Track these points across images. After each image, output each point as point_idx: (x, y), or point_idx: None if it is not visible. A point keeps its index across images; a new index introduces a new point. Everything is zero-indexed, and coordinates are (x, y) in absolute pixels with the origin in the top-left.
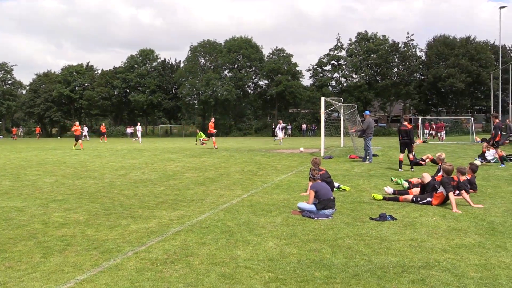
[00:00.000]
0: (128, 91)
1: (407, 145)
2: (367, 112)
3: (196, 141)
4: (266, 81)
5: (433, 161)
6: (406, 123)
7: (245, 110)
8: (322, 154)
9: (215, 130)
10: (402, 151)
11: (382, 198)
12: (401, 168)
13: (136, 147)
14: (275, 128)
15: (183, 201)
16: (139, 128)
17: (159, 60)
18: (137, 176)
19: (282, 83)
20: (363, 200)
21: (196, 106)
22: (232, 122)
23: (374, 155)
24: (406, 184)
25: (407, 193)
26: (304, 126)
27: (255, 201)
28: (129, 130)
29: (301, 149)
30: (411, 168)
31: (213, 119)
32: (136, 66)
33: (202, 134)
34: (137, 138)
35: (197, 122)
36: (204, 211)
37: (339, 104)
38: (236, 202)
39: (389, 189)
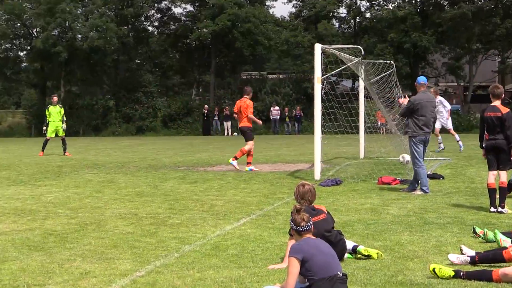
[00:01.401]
0: None
1: (502, 154)
2: (422, 80)
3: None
4: (191, 9)
5: None
6: (497, 102)
7: (141, 75)
8: (317, 176)
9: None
10: (492, 167)
11: (453, 274)
12: (495, 207)
13: None
14: (217, 116)
15: None
16: None
17: None
18: None
19: (227, 13)
20: (412, 280)
21: (25, 64)
22: (110, 101)
23: (435, 176)
24: (507, 241)
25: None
26: (275, 111)
27: None
28: None
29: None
30: None
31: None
32: None
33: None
34: None
35: (30, 98)
36: None
37: (357, 60)
38: None
39: (462, 257)
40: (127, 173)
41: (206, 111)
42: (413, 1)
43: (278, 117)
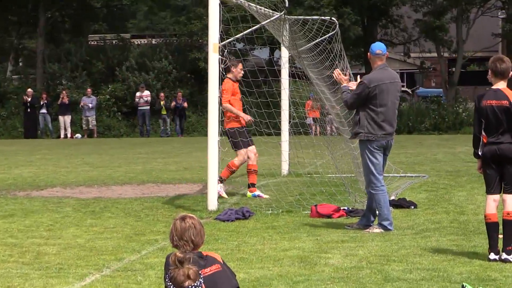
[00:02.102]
0: None
1: (510, 167)
2: (379, 48)
3: None
4: None
5: None
6: (502, 84)
7: None
8: (212, 204)
9: None
10: (492, 188)
11: None
12: (496, 252)
13: None
14: (46, 107)
15: None
16: None
17: None
18: None
19: None
20: None
21: None
22: None
23: (403, 204)
24: None
25: None
26: (144, 100)
27: None
28: None
29: None
30: None
31: None
32: None
33: None
34: None
35: None
36: None
37: (277, 16)
38: None
39: None
40: None
41: (29, 99)
42: None
43: (149, 108)
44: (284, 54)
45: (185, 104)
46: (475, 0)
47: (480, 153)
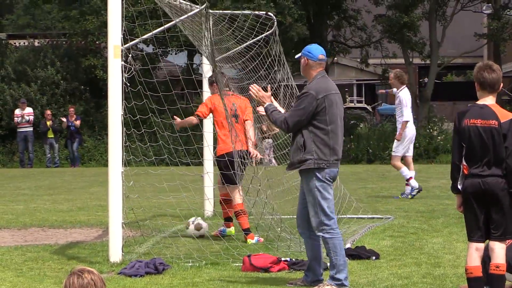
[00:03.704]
0: None
1: (496, 207)
2: (318, 53)
3: None
4: None
5: None
6: (489, 99)
7: None
8: (114, 255)
9: None
10: (474, 233)
11: None
12: None
13: None
14: None
15: None
16: None
17: None
18: None
19: None
20: None
21: None
22: None
23: (361, 254)
24: None
25: None
26: (23, 118)
27: None
28: None
29: None
30: None
31: None
32: None
33: None
34: None
35: None
36: None
37: (197, 9)
38: None
39: None
40: None
41: None
42: None
43: (32, 129)
44: (206, 60)
45: (77, 123)
46: None
47: (460, 187)
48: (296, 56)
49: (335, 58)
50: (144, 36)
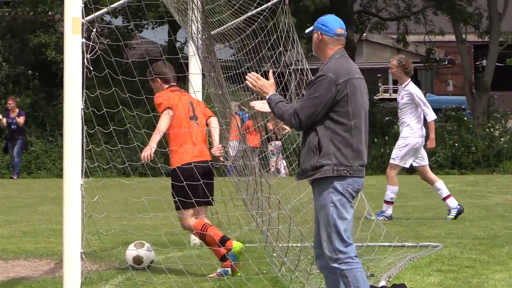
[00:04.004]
0: None
1: None
2: (337, 26)
3: None
4: None
5: None
6: None
7: None
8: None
9: None
10: None
11: None
12: None
13: None
14: None
15: None
16: None
17: None
18: None
19: None
20: None
21: None
22: None
23: None
24: None
25: None
26: None
27: None
28: None
29: None
30: None
31: None
32: None
33: None
34: None
35: None
36: None
37: None
38: None
39: None
40: None
41: None
42: None
43: None
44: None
45: (20, 119)
46: None
47: None
48: (307, 31)
49: (364, 35)
50: (113, 5)
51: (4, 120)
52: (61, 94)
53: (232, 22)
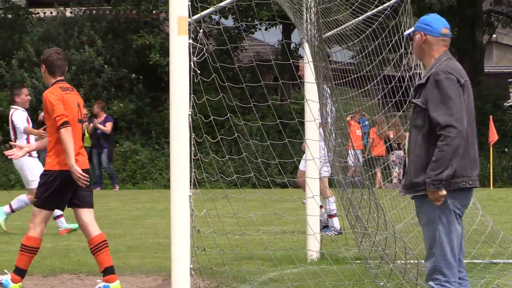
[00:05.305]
0: None
1: None
2: (443, 26)
3: None
4: None
5: None
6: None
7: None
8: None
9: None
10: None
11: None
12: None
13: None
14: None
15: None
16: None
17: None
18: None
19: None
20: None
21: None
22: None
23: None
24: None
25: None
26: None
27: None
28: None
29: None
30: None
31: None
32: None
33: None
34: None
35: None
36: None
37: None
38: None
39: None
40: None
41: None
42: None
43: None
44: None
45: (106, 126)
46: None
47: None
48: (408, 32)
49: (494, 36)
50: (221, 4)
51: (91, 126)
52: (167, 99)
53: (351, 22)
